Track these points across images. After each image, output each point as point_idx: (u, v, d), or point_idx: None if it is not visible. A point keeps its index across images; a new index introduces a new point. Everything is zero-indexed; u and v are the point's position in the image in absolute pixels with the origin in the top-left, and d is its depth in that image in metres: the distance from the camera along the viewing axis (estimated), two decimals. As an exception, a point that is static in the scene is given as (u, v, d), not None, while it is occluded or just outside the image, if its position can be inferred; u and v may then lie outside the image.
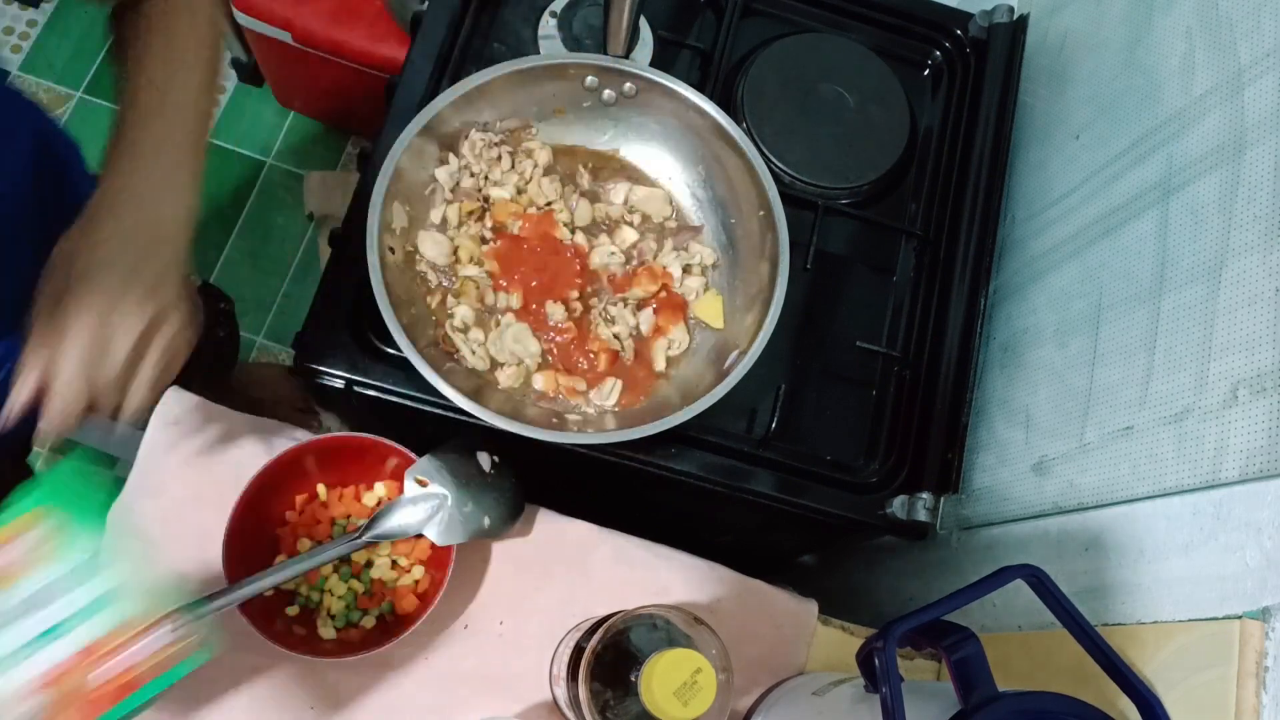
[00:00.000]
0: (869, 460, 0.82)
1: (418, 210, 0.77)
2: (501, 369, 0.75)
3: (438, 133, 0.76)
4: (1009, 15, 0.94)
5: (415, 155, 0.75)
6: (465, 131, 0.79)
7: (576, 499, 0.80)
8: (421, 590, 0.70)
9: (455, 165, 0.78)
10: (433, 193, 0.78)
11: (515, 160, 0.81)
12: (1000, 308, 0.86)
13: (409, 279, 0.75)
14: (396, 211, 0.74)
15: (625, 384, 0.77)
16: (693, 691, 0.54)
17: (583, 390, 0.76)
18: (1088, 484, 0.67)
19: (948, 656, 0.51)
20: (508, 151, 0.80)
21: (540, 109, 0.81)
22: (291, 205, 1.75)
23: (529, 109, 0.81)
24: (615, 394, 0.76)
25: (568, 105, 0.82)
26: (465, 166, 0.79)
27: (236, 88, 1.80)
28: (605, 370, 0.77)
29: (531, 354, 0.75)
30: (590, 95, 0.81)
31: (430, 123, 0.74)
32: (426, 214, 0.78)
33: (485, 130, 0.79)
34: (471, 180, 0.79)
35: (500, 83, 0.76)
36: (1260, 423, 0.52)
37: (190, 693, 0.69)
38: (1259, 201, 0.57)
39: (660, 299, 0.80)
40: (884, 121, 0.92)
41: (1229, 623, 0.51)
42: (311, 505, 0.71)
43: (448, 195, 0.78)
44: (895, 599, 0.93)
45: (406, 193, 0.75)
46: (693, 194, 0.84)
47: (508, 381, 0.75)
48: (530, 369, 0.76)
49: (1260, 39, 0.60)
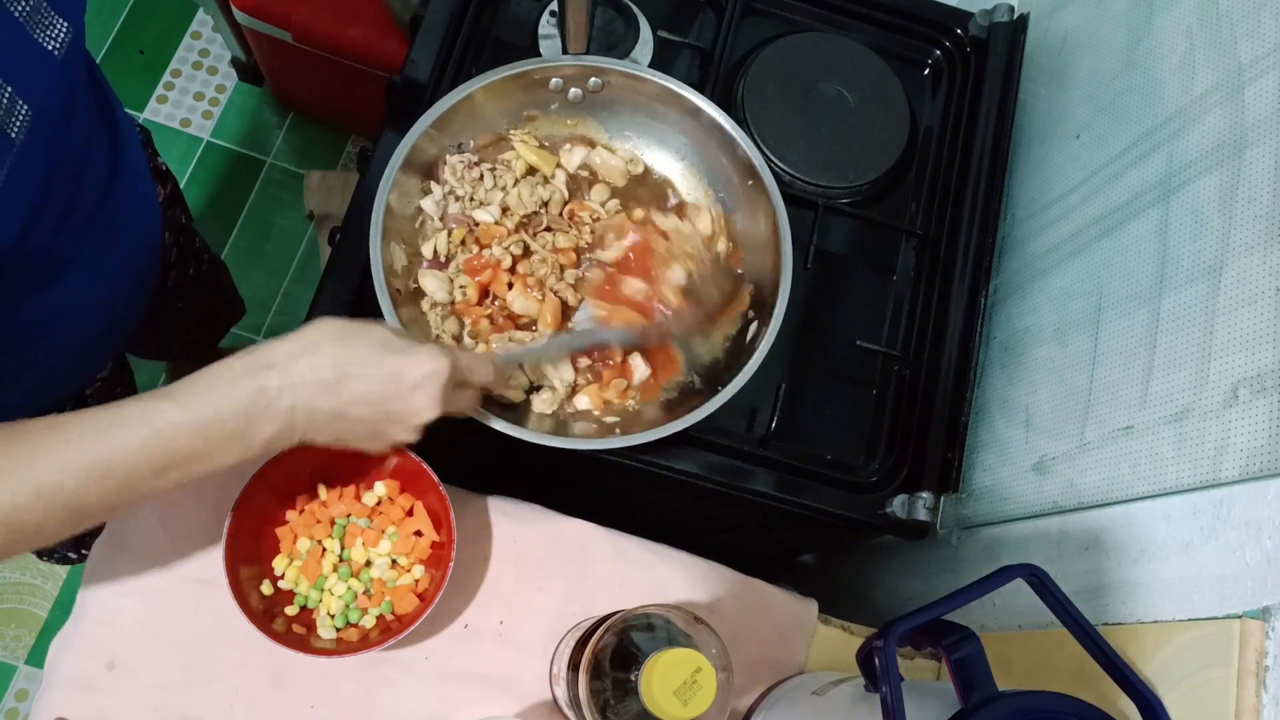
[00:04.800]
0: (869, 459, 0.82)
1: (412, 245, 0.77)
2: (536, 396, 0.75)
3: (417, 164, 0.76)
4: (1009, 14, 0.94)
5: (400, 191, 0.74)
6: (443, 156, 0.78)
7: (577, 499, 0.80)
8: (421, 590, 0.70)
9: (439, 193, 0.78)
10: (422, 224, 0.78)
11: (496, 176, 0.80)
12: (1000, 307, 0.86)
13: (421, 326, 0.75)
14: (395, 253, 0.74)
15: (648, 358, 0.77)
16: (693, 691, 0.54)
17: (625, 387, 0.76)
18: (1088, 483, 0.66)
19: (948, 656, 0.51)
20: (487, 169, 0.80)
21: (511, 119, 0.81)
22: (291, 205, 1.75)
23: (499, 123, 0.80)
24: (645, 368, 0.76)
25: (538, 110, 0.82)
26: (450, 192, 0.79)
27: (236, 87, 1.80)
28: (624, 357, 0.77)
29: (566, 380, 0.75)
30: (556, 96, 0.81)
31: (409, 155, 0.73)
32: (419, 246, 0.77)
33: (460, 151, 0.79)
34: (458, 204, 0.79)
35: (467, 103, 0.76)
36: (1260, 422, 0.52)
37: (190, 692, 0.69)
38: (1259, 201, 0.57)
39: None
40: (884, 121, 0.92)
41: (1229, 622, 0.51)
42: (311, 504, 0.71)
43: (436, 224, 0.78)
44: (895, 598, 0.93)
45: (399, 230, 0.75)
46: (683, 179, 0.84)
47: (543, 407, 0.75)
48: (564, 394, 0.76)
49: (1260, 38, 0.60)
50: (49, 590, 1.50)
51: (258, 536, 0.69)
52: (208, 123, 1.78)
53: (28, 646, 1.47)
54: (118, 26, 1.81)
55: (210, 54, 1.82)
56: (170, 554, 0.71)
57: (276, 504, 0.70)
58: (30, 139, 0.55)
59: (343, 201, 0.87)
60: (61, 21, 0.57)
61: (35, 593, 1.50)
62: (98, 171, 0.71)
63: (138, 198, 0.80)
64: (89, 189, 0.69)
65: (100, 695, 0.68)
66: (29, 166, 0.56)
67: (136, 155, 0.79)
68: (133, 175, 0.77)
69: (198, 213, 1.72)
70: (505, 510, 0.77)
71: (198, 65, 1.81)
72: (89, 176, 0.69)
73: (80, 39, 0.60)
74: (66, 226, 0.67)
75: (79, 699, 0.68)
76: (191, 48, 1.82)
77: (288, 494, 0.71)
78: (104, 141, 0.72)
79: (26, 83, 0.54)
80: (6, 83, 0.53)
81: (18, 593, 1.50)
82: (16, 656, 1.47)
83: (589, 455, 0.74)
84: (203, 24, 1.83)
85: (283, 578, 0.69)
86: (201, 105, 1.79)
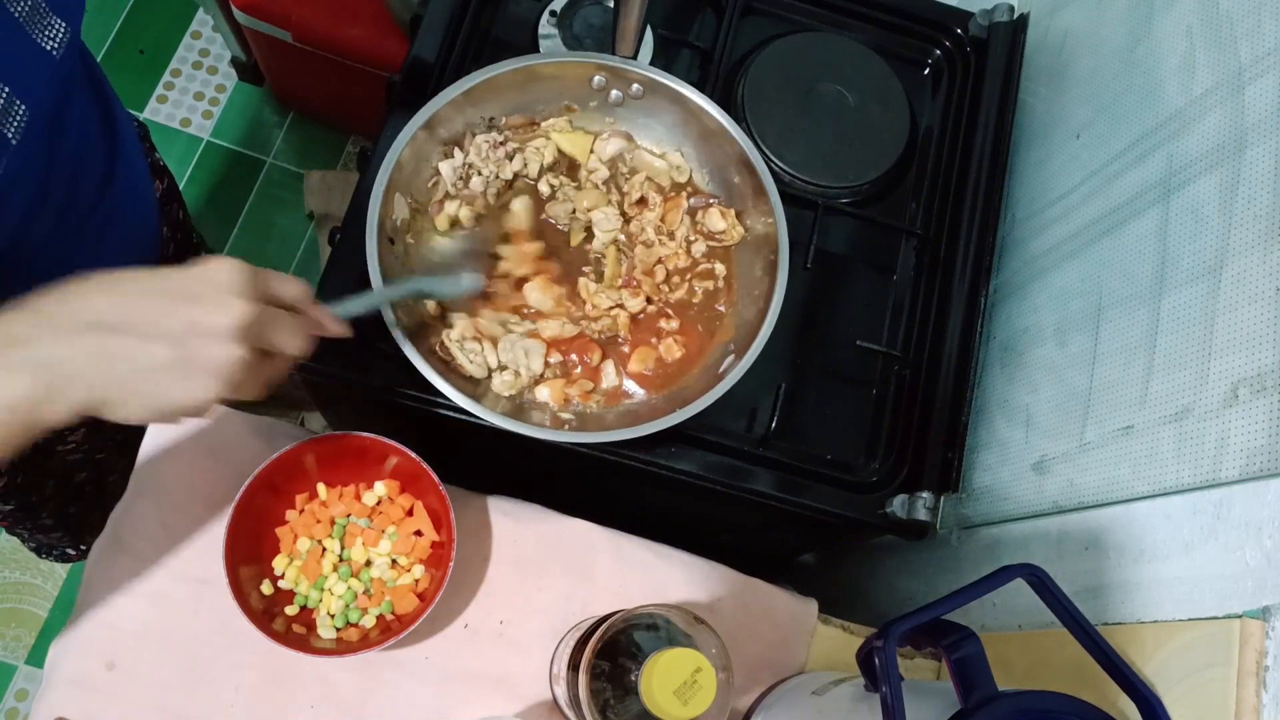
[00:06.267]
0: (869, 459, 0.82)
1: (420, 202, 0.77)
2: (498, 374, 0.75)
3: (441, 128, 0.76)
4: (1009, 14, 0.94)
5: (418, 149, 0.74)
6: (470, 131, 0.79)
7: (577, 499, 0.80)
8: (421, 590, 0.70)
9: (460, 160, 0.78)
10: (435, 185, 0.78)
11: (524, 159, 0.80)
12: (1000, 307, 0.86)
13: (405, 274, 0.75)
14: (398, 203, 0.74)
15: (623, 358, 0.77)
16: (693, 691, 0.54)
17: (590, 389, 0.76)
18: (1088, 483, 0.66)
19: (948, 656, 0.51)
20: (515, 148, 0.80)
21: (546, 107, 0.81)
22: (291, 205, 1.75)
23: (535, 107, 0.81)
24: (615, 371, 0.76)
25: (577, 104, 0.82)
26: (472, 165, 0.79)
27: (236, 87, 1.80)
28: (599, 360, 0.77)
29: (533, 371, 0.75)
30: (597, 95, 0.81)
31: (434, 117, 0.74)
32: (428, 205, 0.78)
33: (490, 129, 0.79)
34: (480, 180, 0.79)
35: (505, 79, 0.76)
36: (1260, 422, 0.52)
37: (190, 692, 0.69)
38: (1259, 201, 0.57)
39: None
40: (884, 121, 0.92)
41: (1229, 622, 0.51)
42: (311, 504, 0.71)
43: (450, 189, 0.78)
44: (895, 598, 0.93)
45: (408, 184, 0.75)
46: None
47: (502, 389, 0.74)
48: (526, 383, 0.75)
49: (1261, 38, 0.60)
50: (49, 590, 1.51)
51: (258, 536, 0.69)
52: (208, 122, 1.78)
53: (28, 646, 1.48)
54: (118, 26, 1.81)
55: (210, 54, 1.82)
56: (170, 554, 0.71)
57: (276, 504, 0.70)
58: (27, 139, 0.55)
59: (343, 201, 0.87)
60: (60, 22, 0.57)
61: (35, 593, 1.50)
62: (95, 170, 0.71)
63: (136, 195, 0.79)
64: (86, 188, 0.69)
65: (100, 695, 0.68)
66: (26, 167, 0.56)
67: (135, 152, 0.79)
68: (131, 173, 0.77)
69: (198, 212, 1.72)
70: (505, 510, 0.77)
71: (198, 65, 1.81)
72: (86, 175, 0.69)
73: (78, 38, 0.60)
74: (64, 225, 0.67)
75: (79, 699, 0.68)
76: (191, 47, 1.82)
77: (288, 494, 0.71)
78: (101, 140, 0.72)
79: (24, 83, 0.54)
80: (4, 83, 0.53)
81: (18, 592, 1.50)
82: (16, 656, 1.47)
83: (580, 452, 0.75)
84: (203, 24, 1.83)
85: (283, 578, 0.69)
86: (201, 105, 1.79)
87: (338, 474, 0.72)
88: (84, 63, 0.70)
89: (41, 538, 1.16)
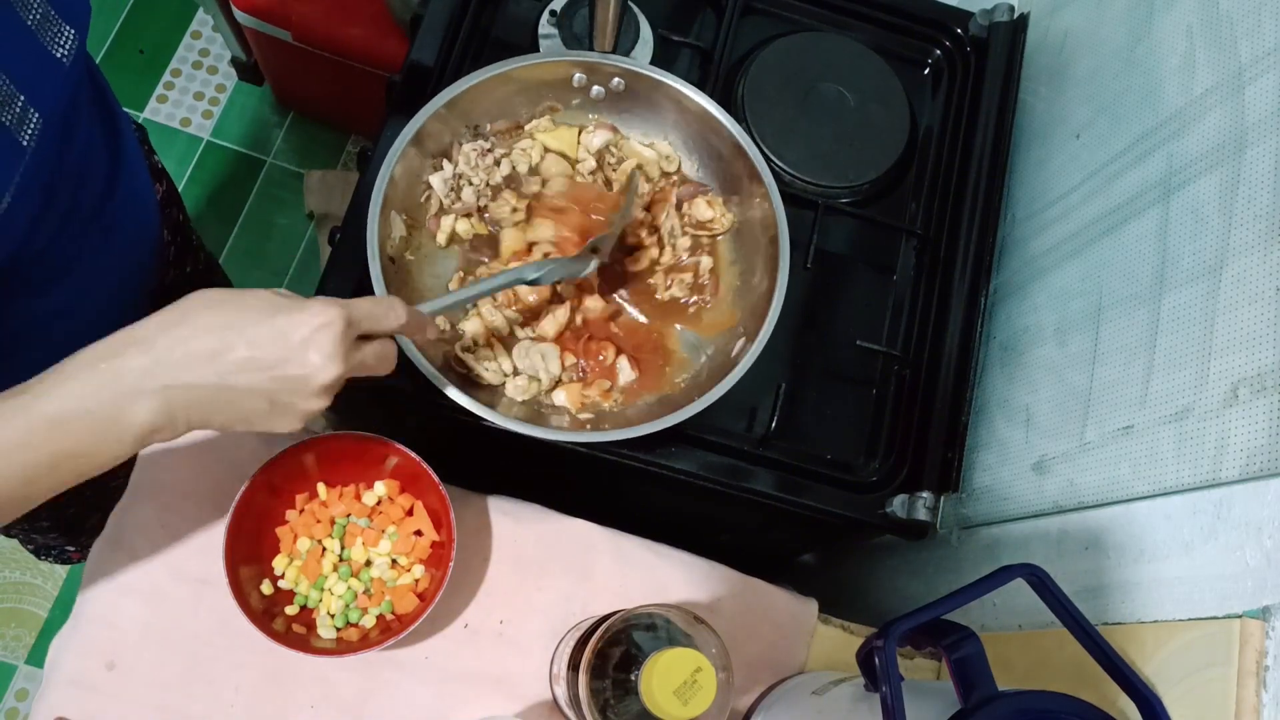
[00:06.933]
0: (869, 459, 0.82)
1: (416, 218, 0.77)
2: (511, 380, 0.75)
3: (428, 143, 0.76)
4: (1009, 14, 0.94)
5: (409, 165, 0.75)
6: (456, 141, 0.79)
7: (577, 499, 0.80)
8: (421, 589, 0.70)
9: (449, 171, 0.78)
10: (428, 199, 0.78)
11: (512, 163, 0.80)
12: (1000, 307, 0.86)
13: (409, 292, 0.75)
14: (394, 221, 0.74)
15: (637, 364, 0.77)
16: (693, 690, 0.54)
17: (609, 388, 0.76)
18: (1088, 483, 0.66)
19: (948, 655, 0.51)
20: (502, 154, 0.80)
21: (530, 110, 0.82)
22: (291, 205, 1.75)
23: (518, 110, 0.81)
24: (630, 366, 0.76)
25: (560, 104, 0.82)
26: (462, 176, 0.79)
27: (236, 87, 1.80)
28: (613, 360, 0.77)
29: (551, 373, 0.75)
30: (579, 93, 0.81)
31: (421, 131, 0.74)
32: (424, 221, 0.78)
33: (476, 137, 0.80)
34: (471, 190, 0.79)
35: (485, 86, 0.76)
36: (1260, 422, 0.52)
37: (190, 692, 0.69)
38: (1259, 200, 0.57)
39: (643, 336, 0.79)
40: (884, 120, 0.92)
41: (1229, 622, 0.51)
42: (311, 504, 0.71)
43: (443, 202, 0.78)
44: (895, 598, 0.93)
45: (402, 201, 0.75)
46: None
47: (516, 394, 0.74)
48: (546, 386, 0.76)
49: (1261, 38, 0.60)
50: (49, 590, 1.51)
51: (258, 536, 0.69)
52: (208, 122, 1.78)
53: (28, 646, 1.48)
54: (118, 26, 1.81)
55: (210, 54, 1.82)
56: (170, 554, 0.71)
57: (276, 504, 0.70)
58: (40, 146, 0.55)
59: (343, 201, 0.87)
60: (69, 29, 0.57)
61: (35, 592, 1.50)
62: (98, 175, 0.71)
63: (137, 199, 0.80)
64: (90, 192, 0.69)
65: (100, 695, 0.68)
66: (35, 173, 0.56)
67: (136, 157, 0.79)
68: (132, 177, 0.77)
69: (198, 213, 1.72)
70: (505, 510, 0.77)
71: (198, 65, 1.81)
72: (90, 180, 0.69)
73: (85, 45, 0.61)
74: (67, 230, 0.67)
75: (79, 699, 0.68)
76: (191, 47, 1.82)
77: (288, 494, 0.71)
78: (105, 145, 0.72)
79: (38, 91, 0.54)
80: (20, 91, 0.53)
81: (18, 592, 1.50)
82: (16, 656, 1.47)
83: (581, 452, 0.75)
84: (203, 24, 1.83)
85: (283, 577, 0.69)
86: (201, 105, 1.79)
87: (338, 474, 0.72)
88: (88, 69, 0.70)
89: (39, 539, 1.16)
